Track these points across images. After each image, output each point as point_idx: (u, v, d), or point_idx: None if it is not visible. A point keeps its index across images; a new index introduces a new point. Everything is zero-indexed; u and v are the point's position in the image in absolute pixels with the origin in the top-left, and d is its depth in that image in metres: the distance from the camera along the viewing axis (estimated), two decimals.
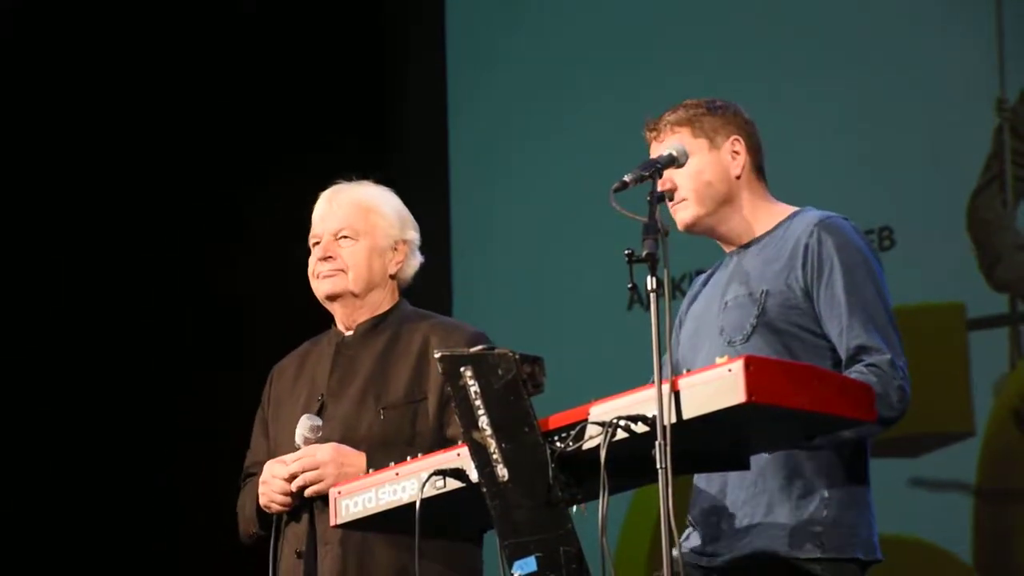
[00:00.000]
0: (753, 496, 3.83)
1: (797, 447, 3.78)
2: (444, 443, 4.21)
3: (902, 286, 4.02)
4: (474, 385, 3.50)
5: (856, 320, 3.81)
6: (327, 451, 4.25)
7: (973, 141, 6.51)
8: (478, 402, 3.50)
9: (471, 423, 3.51)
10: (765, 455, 3.79)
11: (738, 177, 4.01)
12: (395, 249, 4.47)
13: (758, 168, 4.04)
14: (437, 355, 3.53)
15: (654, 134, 4.02)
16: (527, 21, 7.74)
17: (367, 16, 7.98)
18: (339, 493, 3.86)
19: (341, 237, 4.44)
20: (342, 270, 4.43)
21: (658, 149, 3.99)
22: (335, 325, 4.52)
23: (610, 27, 7.45)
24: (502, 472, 3.51)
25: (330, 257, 4.43)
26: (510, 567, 3.52)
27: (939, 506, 6.46)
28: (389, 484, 3.76)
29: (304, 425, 4.29)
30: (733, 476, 3.83)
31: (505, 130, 7.68)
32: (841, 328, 3.82)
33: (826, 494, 3.81)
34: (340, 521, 3.86)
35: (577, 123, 7.44)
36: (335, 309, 4.49)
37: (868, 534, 3.84)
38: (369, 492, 3.80)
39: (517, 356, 3.49)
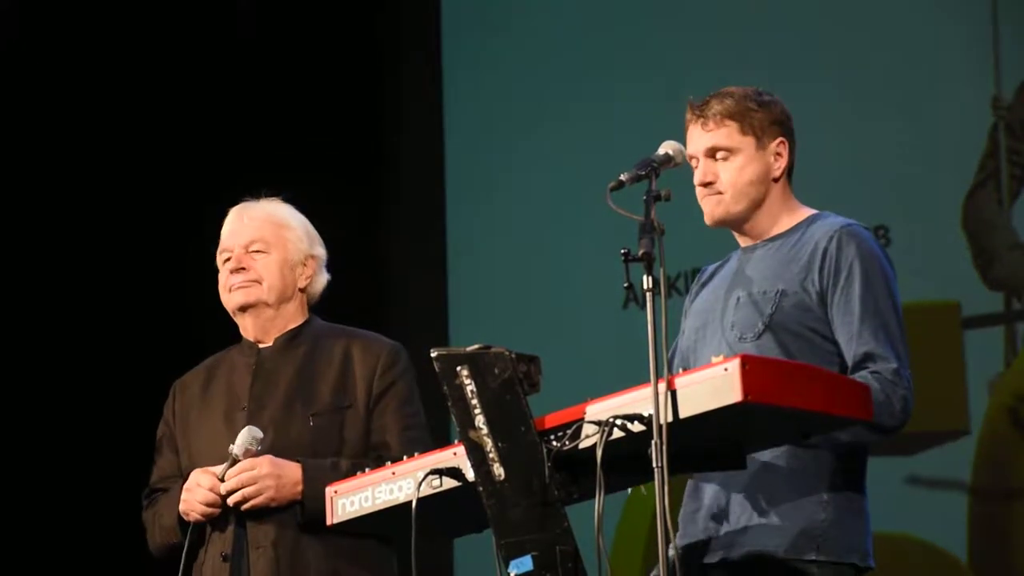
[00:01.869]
0: (752, 495, 3.82)
1: (796, 445, 3.77)
2: (371, 449, 4.33)
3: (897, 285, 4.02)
4: (470, 384, 3.50)
5: (867, 327, 3.80)
6: (266, 465, 4.29)
7: (969, 140, 6.51)
8: (474, 401, 3.50)
9: (467, 422, 3.51)
10: (765, 456, 3.79)
11: (775, 179, 4.00)
12: (304, 264, 4.53)
13: (791, 169, 4.04)
14: (434, 354, 3.54)
15: (701, 121, 3.97)
16: (521, 23, 7.74)
17: (362, 28, 7.98)
18: (335, 492, 3.87)
19: (253, 250, 4.49)
20: (256, 281, 4.48)
21: (703, 137, 3.97)
22: (244, 339, 4.55)
23: (604, 29, 7.44)
24: (498, 471, 3.51)
25: (243, 268, 4.48)
26: (506, 566, 3.52)
27: (934, 504, 6.46)
28: (385, 483, 3.76)
29: (246, 437, 4.31)
30: (732, 474, 3.83)
31: (500, 129, 7.68)
32: (851, 334, 3.81)
33: (825, 497, 3.80)
34: (336, 520, 3.86)
35: (573, 122, 7.44)
36: (246, 320, 4.52)
37: (863, 540, 3.83)
38: (365, 491, 3.81)
39: (513, 355, 3.49)
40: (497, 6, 7.90)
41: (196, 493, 4.32)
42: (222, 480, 4.30)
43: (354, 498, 3.82)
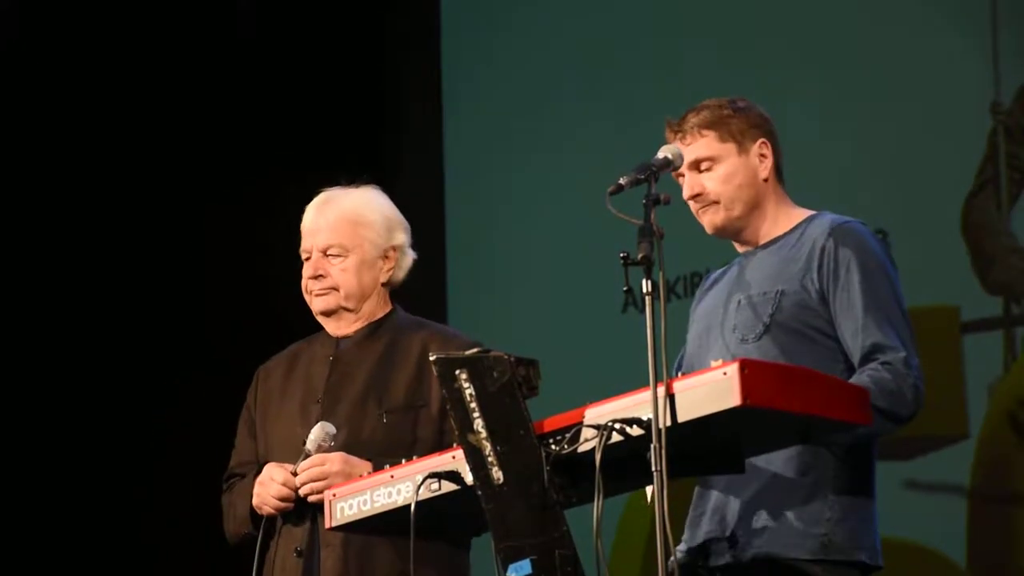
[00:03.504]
0: (757, 497, 3.83)
1: (802, 444, 3.77)
2: (444, 450, 4.23)
3: None
4: (469, 388, 3.50)
5: (871, 319, 3.81)
6: (336, 461, 4.27)
7: (968, 144, 6.52)
8: (473, 405, 3.50)
9: (466, 426, 3.52)
10: (769, 456, 3.79)
11: (765, 180, 4.01)
12: (385, 258, 4.51)
13: (779, 170, 4.05)
14: (432, 357, 3.54)
15: (680, 136, 4.00)
16: (521, 24, 7.74)
17: (361, 28, 7.98)
18: (334, 495, 3.87)
19: (331, 254, 4.47)
20: (334, 288, 4.46)
21: (684, 151, 3.98)
22: (325, 329, 4.54)
23: (605, 31, 7.45)
24: (497, 475, 3.51)
25: (321, 275, 4.46)
26: (505, 570, 3.53)
27: (933, 509, 6.46)
28: (384, 487, 3.77)
29: (319, 433, 4.30)
30: (736, 476, 3.83)
31: (500, 133, 7.68)
32: (856, 328, 3.82)
33: (831, 497, 3.80)
34: (335, 524, 3.86)
35: (572, 126, 7.44)
36: (327, 321, 4.51)
37: (871, 539, 3.84)
38: (364, 494, 3.81)
39: (512, 359, 3.49)
40: (498, 6, 7.90)
41: (269, 487, 4.31)
42: (295, 475, 4.29)
43: (352, 501, 3.82)
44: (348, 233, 4.48)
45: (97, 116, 7.63)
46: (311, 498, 4.26)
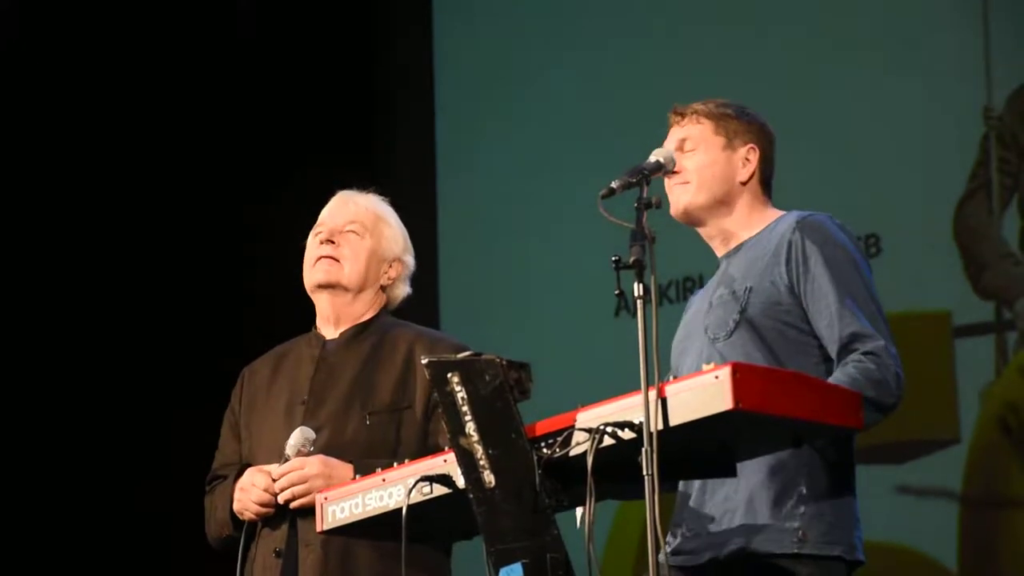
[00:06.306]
0: (734, 494, 3.84)
1: (791, 448, 3.78)
2: (428, 452, 4.20)
3: (888, 293, 4.03)
4: (461, 391, 3.50)
5: (845, 309, 3.83)
6: (315, 464, 4.26)
7: (960, 149, 6.53)
8: (465, 408, 3.50)
9: (458, 429, 3.52)
10: None
11: (743, 183, 4.04)
12: (392, 264, 4.52)
13: (765, 181, 4.08)
14: (424, 361, 3.54)
15: (678, 119, 4.06)
16: (516, 21, 7.75)
17: (359, 29, 7.99)
18: (326, 499, 3.86)
19: (348, 230, 4.48)
20: (342, 260, 4.45)
21: (676, 132, 4.05)
22: (315, 328, 4.53)
23: (599, 34, 7.46)
24: (489, 478, 3.51)
25: (332, 242, 4.46)
26: (496, 573, 3.53)
27: (925, 513, 6.46)
28: (376, 490, 3.76)
29: (298, 438, 4.29)
30: None
31: (492, 136, 7.69)
32: (831, 319, 3.83)
33: (804, 491, 3.81)
34: (326, 527, 3.85)
35: (565, 127, 7.45)
36: (323, 300, 4.50)
37: (849, 533, 3.84)
38: (356, 498, 3.81)
39: (504, 362, 3.49)
40: (491, 8, 7.90)
41: (251, 493, 4.31)
42: (275, 479, 4.28)
43: (344, 504, 3.82)
44: (371, 219, 4.51)
45: (95, 116, 7.63)
46: (293, 504, 4.26)
